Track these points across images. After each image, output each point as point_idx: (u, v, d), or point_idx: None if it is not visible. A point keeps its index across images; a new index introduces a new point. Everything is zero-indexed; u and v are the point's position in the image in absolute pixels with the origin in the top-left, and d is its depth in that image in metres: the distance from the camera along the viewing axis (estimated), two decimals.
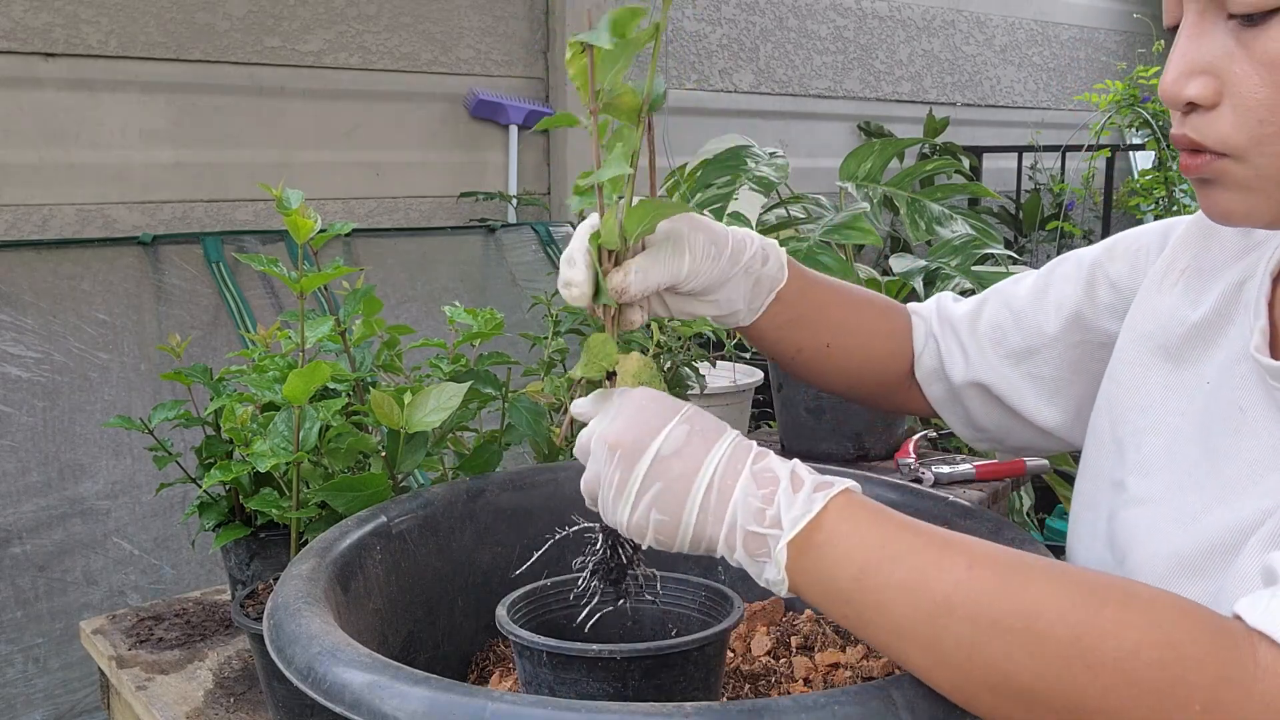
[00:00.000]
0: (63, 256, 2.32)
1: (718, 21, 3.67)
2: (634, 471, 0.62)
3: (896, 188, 2.52)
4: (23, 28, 2.30)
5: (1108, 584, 0.55)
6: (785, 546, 0.59)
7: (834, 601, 0.59)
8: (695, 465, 0.62)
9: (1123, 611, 0.52)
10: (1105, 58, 5.30)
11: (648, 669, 0.67)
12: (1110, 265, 0.87)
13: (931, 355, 0.96)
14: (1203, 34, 0.62)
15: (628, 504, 0.63)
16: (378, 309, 1.06)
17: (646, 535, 0.63)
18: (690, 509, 0.61)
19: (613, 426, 0.64)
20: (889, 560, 0.57)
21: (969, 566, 0.55)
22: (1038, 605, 0.53)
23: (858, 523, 0.59)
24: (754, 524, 0.60)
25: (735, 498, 0.61)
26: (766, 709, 0.54)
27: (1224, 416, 0.70)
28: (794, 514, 0.59)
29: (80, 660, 2.15)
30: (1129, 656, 0.51)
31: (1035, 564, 0.56)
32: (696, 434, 0.63)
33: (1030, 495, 2.39)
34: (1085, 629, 0.52)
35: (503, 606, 0.74)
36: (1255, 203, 0.63)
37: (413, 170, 2.95)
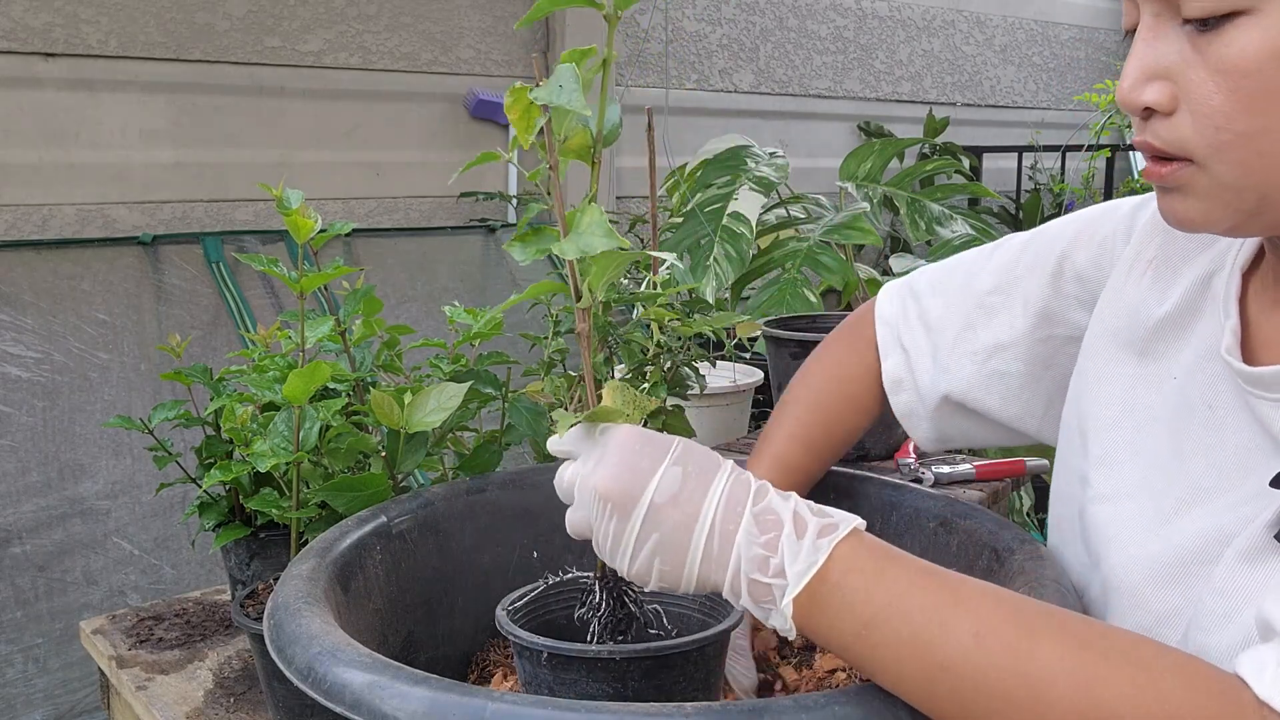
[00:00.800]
0: (63, 256, 2.32)
1: (718, 21, 3.67)
2: (629, 523, 0.60)
3: (896, 188, 2.52)
4: (22, 27, 2.30)
5: (1122, 653, 0.53)
6: (790, 601, 0.58)
7: (839, 649, 0.58)
8: (694, 511, 0.60)
9: (1132, 689, 0.52)
10: (1105, 58, 5.30)
11: (647, 669, 0.67)
12: (1076, 256, 0.85)
13: (899, 366, 0.94)
14: (1158, 38, 0.61)
15: (626, 555, 0.61)
16: (378, 309, 1.06)
17: (650, 582, 0.61)
18: (693, 558, 0.59)
19: (600, 474, 0.61)
20: (896, 616, 0.56)
21: (976, 633, 0.54)
22: (1045, 678, 0.52)
23: (864, 573, 0.58)
24: (757, 573, 0.58)
25: (738, 544, 0.59)
26: (766, 709, 0.54)
27: (1192, 414, 0.69)
28: (799, 567, 0.58)
29: (80, 660, 2.16)
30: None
31: (1047, 627, 0.55)
32: (691, 475, 0.61)
33: (1030, 495, 2.39)
34: (1092, 706, 0.51)
35: (502, 607, 0.74)
36: (1212, 210, 0.62)
37: (413, 170, 2.95)
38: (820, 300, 2.17)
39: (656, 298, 1.19)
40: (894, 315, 0.96)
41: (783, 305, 2.11)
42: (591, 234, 0.60)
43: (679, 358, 1.29)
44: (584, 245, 0.60)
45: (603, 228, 0.60)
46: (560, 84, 0.59)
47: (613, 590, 0.71)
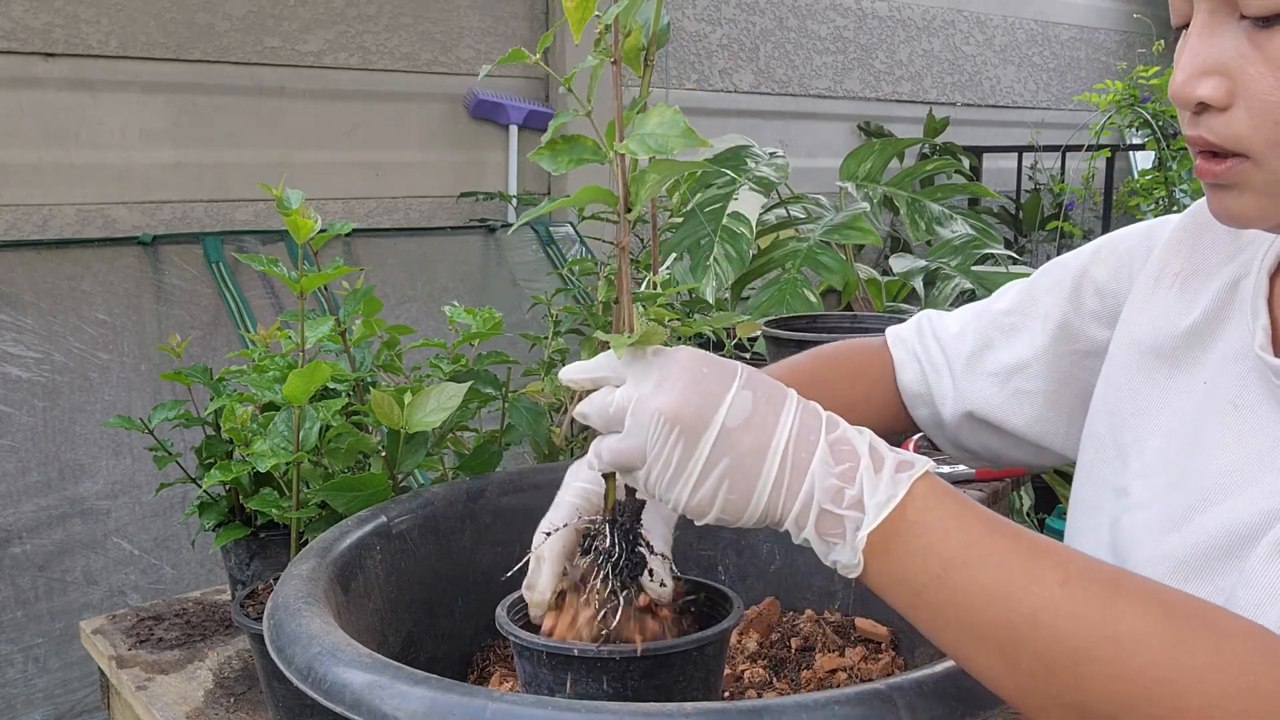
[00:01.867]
0: (63, 256, 2.32)
1: (718, 21, 3.67)
2: (698, 448, 0.57)
3: (896, 188, 2.52)
4: (23, 28, 2.30)
5: (1207, 619, 0.53)
6: (865, 535, 0.55)
7: (904, 591, 0.56)
8: (767, 437, 0.57)
9: (1216, 656, 0.51)
10: (1105, 58, 5.30)
11: (647, 669, 0.67)
12: (1095, 271, 0.86)
13: (916, 380, 0.95)
14: (1214, 34, 0.61)
15: (689, 484, 0.57)
16: (377, 309, 1.06)
17: (710, 514, 0.58)
18: (763, 486, 0.57)
19: (664, 396, 0.57)
20: (977, 561, 0.54)
21: (1063, 583, 0.53)
22: (1132, 638, 0.51)
23: (945, 512, 0.55)
24: (832, 504, 0.56)
25: (813, 473, 0.56)
26: (767, 709, 0.54)
27: (1217, 413, 0.70)
28: (879, 498, 0.55)
29: (80, 660, 2.15)
30: (1216, 704, 0.50)
31: (1130, 587, 0.53)
32: (762, 400, 0.58)
33: (1030, 495, 2.40)
34: (1178, 671, 0.50)
35: (502, 607, 0.74)
36: (1268, 206, 0.62)
37: (413, 170, 2.95)
38: (820, 300, 2.17)
39: (656, 298, 1.19)
40: (909, 333, 0.97)
41: (783, 305, 2.11)
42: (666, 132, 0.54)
43: None
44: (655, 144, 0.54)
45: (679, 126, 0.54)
46: None
47: (627, 533, 0.66)
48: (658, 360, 0.60)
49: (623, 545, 0.66)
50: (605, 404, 0.61)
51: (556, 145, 0.58)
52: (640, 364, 0.60)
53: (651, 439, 0.58)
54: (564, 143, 0.58)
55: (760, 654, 0.92)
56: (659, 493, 0.59)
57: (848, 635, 0.93)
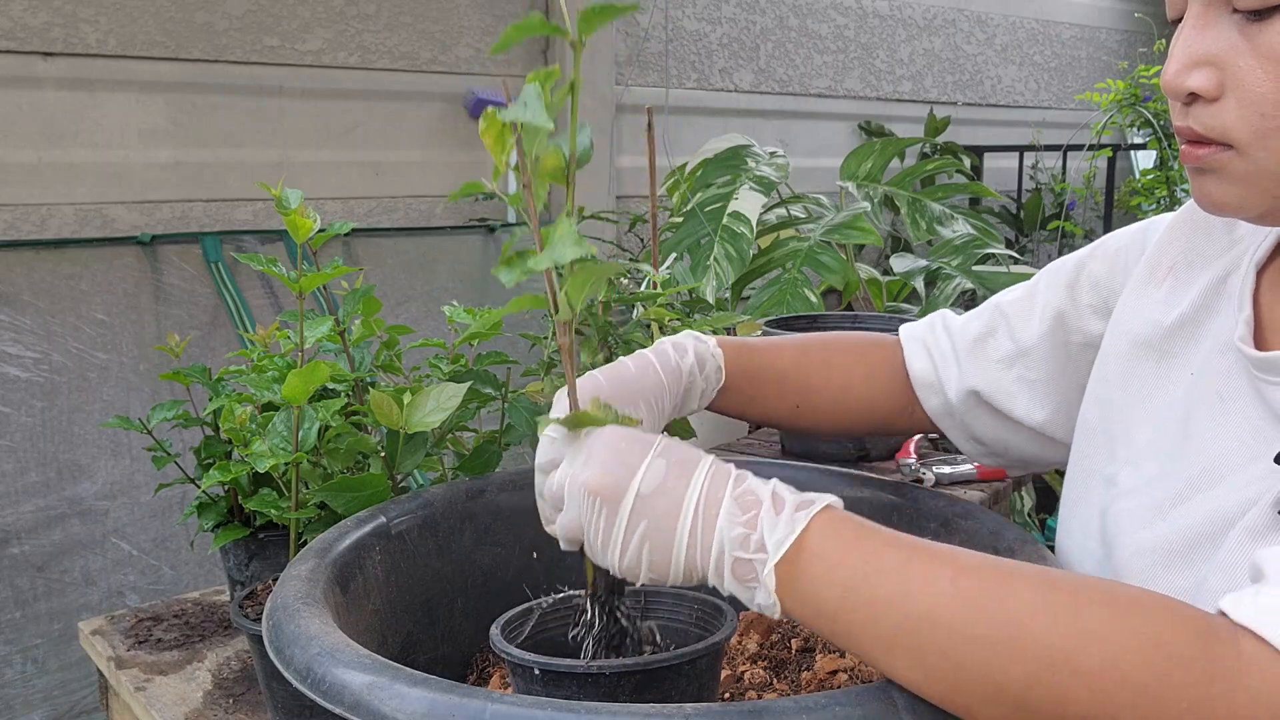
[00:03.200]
0: (61, 256, 2.31)
1: (718, 21, 3.67)
2: (618, 514, 0.62)
3: (897, 187, 2.52)
4: (21, 27, 2.30)
5: (1091, 587, 0.55)
6: (772, 570, 0.58)
7: (822, 619, 0.58)
8: (678, 498, 0.61)
9: (1108, 614, 0.52)
10: (1106, 57, 5.30)
11: (638, 684, 0.67)
12: (1092, 265, 0.89)
13: (926, 369, 0.97)
14: (1207, 26, 0.63)
15: (616, 547, 0.62)
16: (377, 309, 1.06)
17: (640, 574, 0.62)
18: (679, 543, 0.61)
19: (588, 471, 0.63)
20: (874, 574, 0.57)
21: (953, 579, 0.55)
22: (1023, 614, 0.53)
23: (842, 539, 0.59)
24: (739, 550, 0.59)
25: (720, 525, 0.60)
26: (767, 710, 0.54)
27: (1204, 404, 0.71)
28: (777, 536, 0.59)
29: (79, 661, 2.15)
30: (1116, 659, 0.51)
31: (1019, 572, 0.56)
32: (674, 465, 0.62)
33: (1031, 495, 2.39)
34: (1071, 634, 0.52)
35: (497, 625, 0.73)
36: (1249, 195, 0.64)
37: (412, 170, 2.94)
38: (820, 300, 2.16)
39: (656, 298, 1.19)
40: (921, 328, 0.99)
41: (783, 305, 2.11)
42: (562, 245, 0.61)
43: None
44: (555, 256, 0.61)
45: (572, 238, 0.61)
46: (525, 103, 0.62)
47: (605, 606, 0.71)
48: (586, 439, 0.65)
49: (603, 619, 0.71)
50: (549, 485, 0.67)
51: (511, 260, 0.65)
52: (573, 445, 0.66)
53: (583, 511, 0.63)
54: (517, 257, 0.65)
55: (760, 655, 0.91)
56: (598, 559, 0.64)
57: None
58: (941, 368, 0.96)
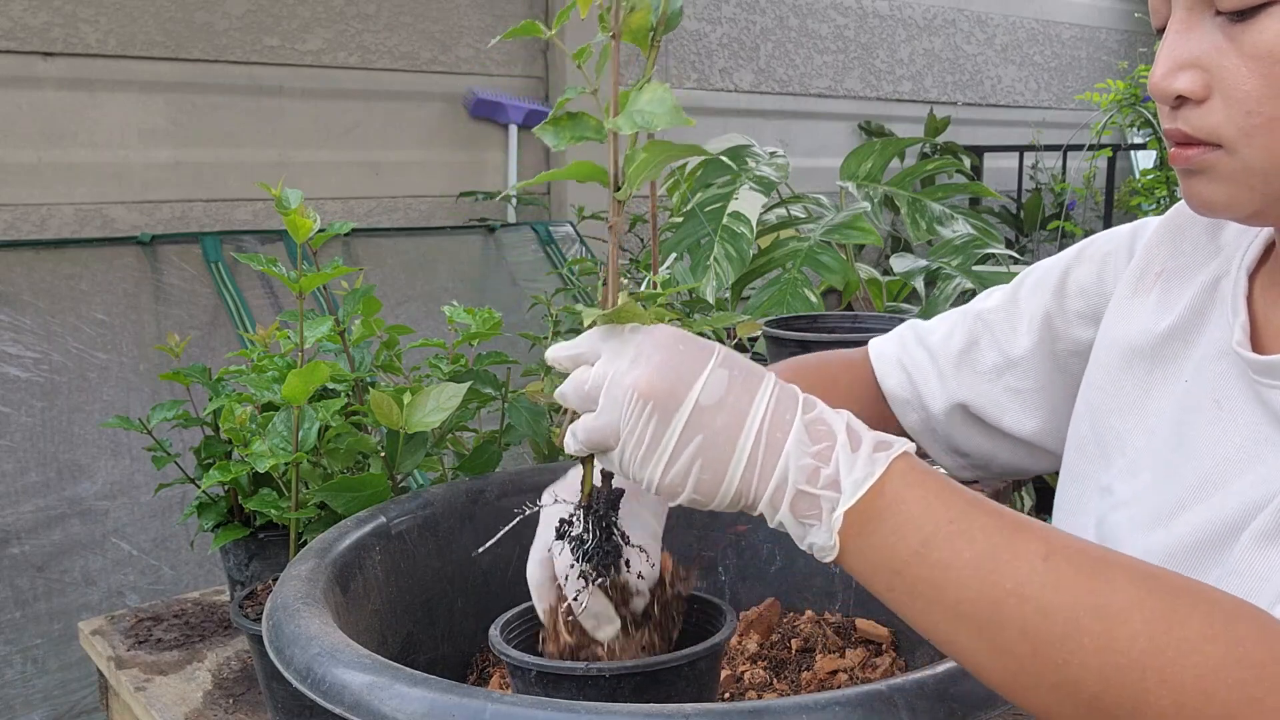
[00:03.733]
0: (61, 256, 2.31)
1: (718, 21, 3.67)
2: (670, 425, 0.56)
3: (897, 187, 2.52)
4: (21, 27, 2.30)
5: (1191, 591, 0.52)
6: (843, 514, 0.54)
7: (882, 571, 0.54)
8: (740, 416, 0.56)
9: (1207, 627, 0.50)
10: (1106, 57, 5.30)
11: (637, 685, 0.66)
12: (1079, 272, 0.87)
13: (902, 386, 0.95)
14: (1191, 30, 0.63)
15: (661, 461, 0.57)
16: (377, 309, 1.06)
17: (682, 494, 0.57)
18: (736, 465, 0.56)
19: (638, 372, 0.57)
20: (959, 535, 0.53)
21: (1046, 556, 0.52)
22: (1118, 608, 0.50)
23: (925, 489, 0.55)
24: (807, 484, 0.55)
25: (787, 453, 0.55)
26: (767, 710, 0.54)
27: (1200, 411, 0.71)
28: (855, 476, 0.54)
29: (79, 661, 2.15)
30: (1209, 676, 0.49)
31: (1117, 562, 0.53)
32: (737, 380, 0.57)
33: (1031, 495, 2.39)
34: (1167, 643, 0.49)
35: (496, 626, 0.73)
36: (1238, 194, 0.64)
37: (412, 170, 2.94)
38: (820, 300, 2.16)
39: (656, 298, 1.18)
40: (890, 346, 0.97)
41: (783, 305, 2.11)
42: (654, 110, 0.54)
43: None
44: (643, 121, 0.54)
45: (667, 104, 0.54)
46: None
47: (600, 519, 0.65)
48: (634, 337, 0.59)
49: (596, 533, 0.65)
50: (581, 381, 0.60)
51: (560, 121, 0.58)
52: (616, 341, 0.60)
53: (625, 416, 0.57)
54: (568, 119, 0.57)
55: (760, 655, 0.91)
56: (632, 472, 0.58)
57: (848, 636, 0.93)
58: (920, 383, 0.94)
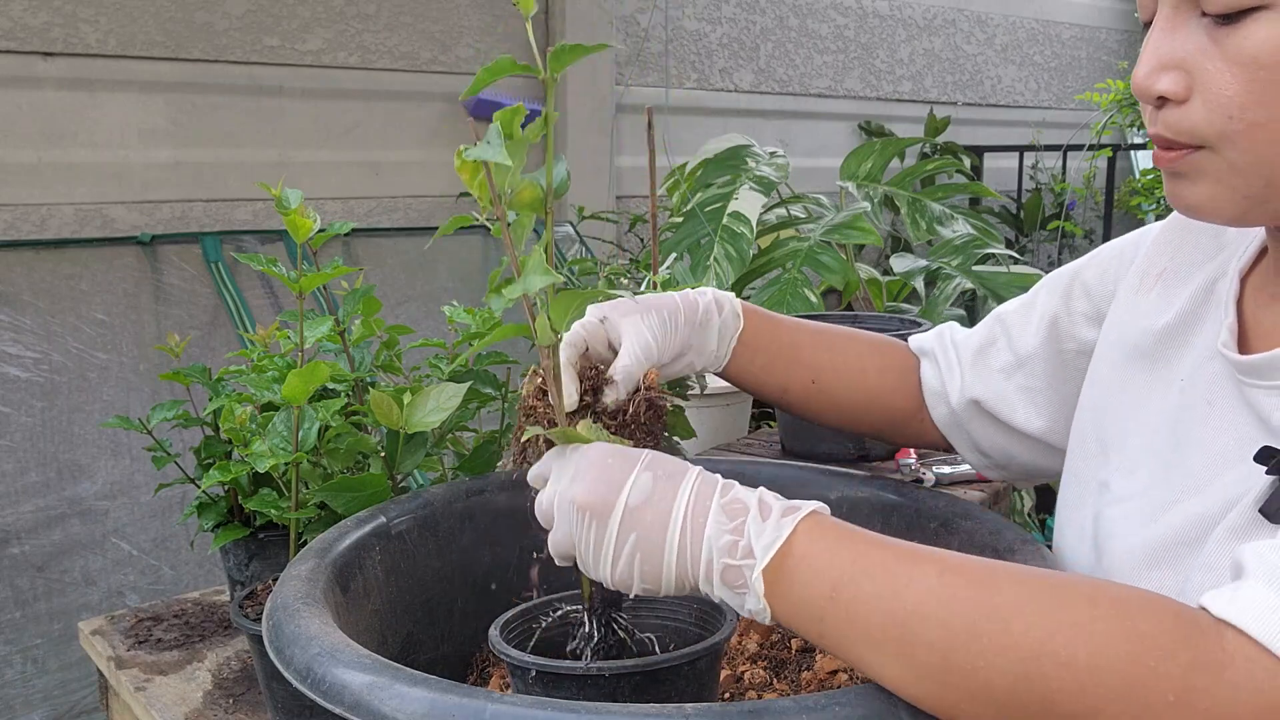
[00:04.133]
0: (61, 256, 2.31)
1: (718, 21, 3.67)
2: (608, 528, 0.63)
3: (897, 187, 2.52)
4: (21, 27, 2.30)
5: (1076, 583, 0.55)
6: (760, 574, 0.59)
7: (810, 621, 0.59)
8: (666, 509, 0.62)
9: (1092, 608, 0.53)
10: (1106, 57, 5.30)
11: (637, 685, 0.67)
12: (1086, 274, 0.90)
13: (934, 377, 0.98)
14: (1175, 29, 0.63)
15: (608, 560, 0.63)
16: (377, 309, 1.06)
17: (633, 586, 0.63)
18: (669, 553, 0.62)
19: (577, 487, 0.64)
20: (861, 574, 0.57)
21: (940, 574, 0.56)
22: (1009, 608, 0.54)
23: (828, 542, 0.59)
24: (728, 557, 0.60)
25: (708, 533, 0.61)
26: (767, 709, 0.54)
27: (1193, 410, 0.72)
28: (764, 541, 0.60)
29: (79, 661, 2.15)
30: (1101, 651, 0.52)
31: (1004, 569, 0.57)
32: (661, 479, 0.63)
33: (1031, 495, 2.39)
34: (1057, 627, 0.53)
35: (496, 626, 0.73)
36: (1221, 197, 0.64)
37: (412, 170, 2.94)
38: (820, 300, 2.16)
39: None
40: (928, 339, 1.01)
41: (783, 305, 2.11)
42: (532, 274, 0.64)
43: None
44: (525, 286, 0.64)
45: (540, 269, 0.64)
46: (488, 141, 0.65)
47: (602, 618, 0.72)
48: (574, 457, 0.67)
49: (601, 631, 0.72)
50: (539, 503, 0.69)
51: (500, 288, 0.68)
52: (560, 461, 0.68)
53: (573, 527, 0.64)
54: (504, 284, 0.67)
55: (760, 655, 0.91)
56: (590, 572, 0.65)
57: None
58: (947, 377, 0.97)
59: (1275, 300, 0.70)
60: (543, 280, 0.64)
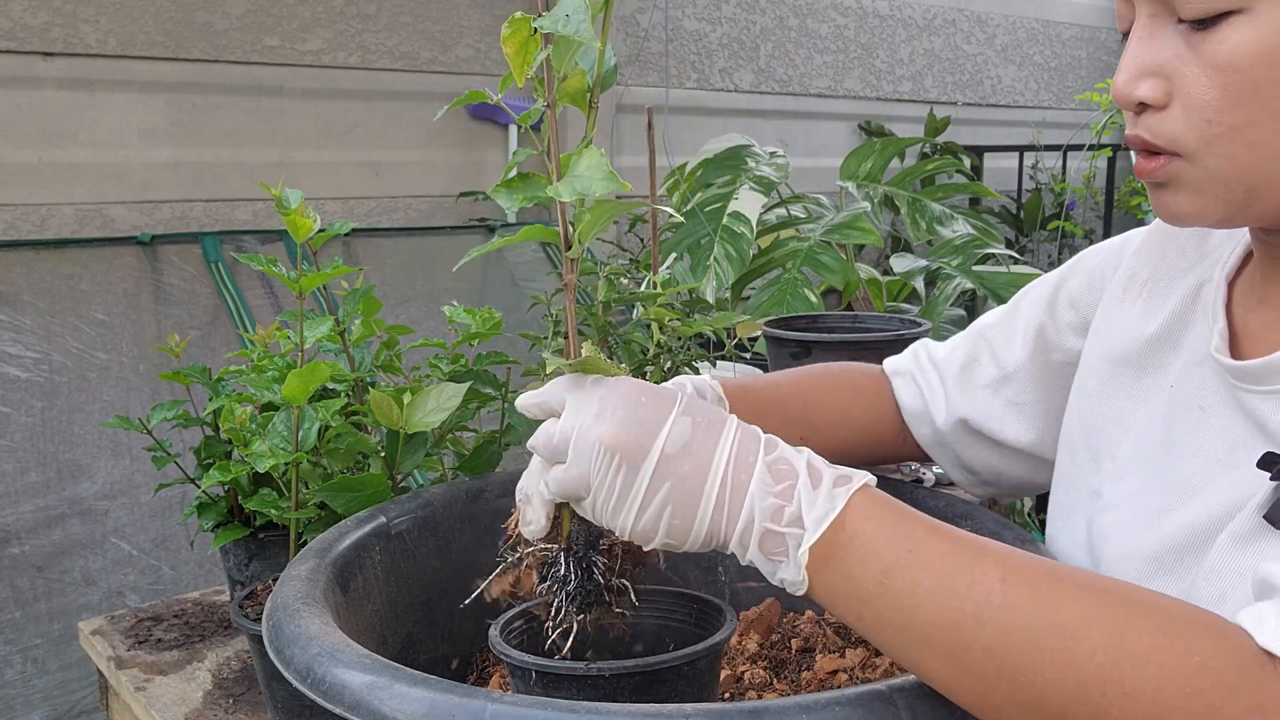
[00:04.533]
0: (61, 256, 2.31)
1: (718, 21, 3.67)
2: (639, 475, 0.58)
3: (897, 187, 2.52)
4: (21, 27, 2.30)
5: (1146, 603, 0.53)
6: (808, 550, 0.56)
7: (851, 602, 0.56)
8: (706, 460, 0.58)
9: (1161, 638, 0.51)
10: (1106, 57, 5.30)
11: (637, 685, 0.66)
12: (1070, 284, 0.89)
13: (914, 398, 0.97)
14: (1153, 36, 0.64)
15: (632, 510, 0.59)
16: (377, 309, 1.06)
17: (655, 539, 0.60)
18: (704, 509, 0.58)
19: (604, 425, 0.59)
20: (918, 564, 0.55)
21: (1003, 579, 0.54)
22: (1076, 625, 0.52)
23: (883, 521, 0.57)
24: (772, 522, 0.57)
25: (751, 493, 0.58)
26: (767, 710, 0.54)
27: (1185, 416, 0.72)
28: (816, 513, 0.57)
29: (79, 661, 2.15)
30: (1167, 684, 0.50)
31: (1072, 578, 0.54)
32: (700, 425, 0.59)
33: (1031, 496, 2.39)
34: (1125, 654, 0.51)
35: (496, 627, 0.73)
36: (1204, 203, 0.64)
37: (412, 170, 2.94)
38: (820, 300, 2.16)
39: (656, 297, 1.19)
40: (903, 361, 1.00)
41: (783, 305, 2.11)
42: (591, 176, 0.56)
43: (679, 358, 1.29)
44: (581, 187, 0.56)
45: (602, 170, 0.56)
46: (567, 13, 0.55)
47: (581, 561, 0.67)
48: (598, 390, 0.61)
49: (578, 573, 0.66)
50: (549, 434, 0.62)
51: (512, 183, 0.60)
52: (580, 393, 0.61)
53: (594, 468, 0.59)
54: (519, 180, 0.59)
55: (760, 655, 0.91)
56: (605, 520, 0.61)
57: (848, 636, 0.93)
58: (930, 398, 0.96)
59: (1263, 304, 0.70)
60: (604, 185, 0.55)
